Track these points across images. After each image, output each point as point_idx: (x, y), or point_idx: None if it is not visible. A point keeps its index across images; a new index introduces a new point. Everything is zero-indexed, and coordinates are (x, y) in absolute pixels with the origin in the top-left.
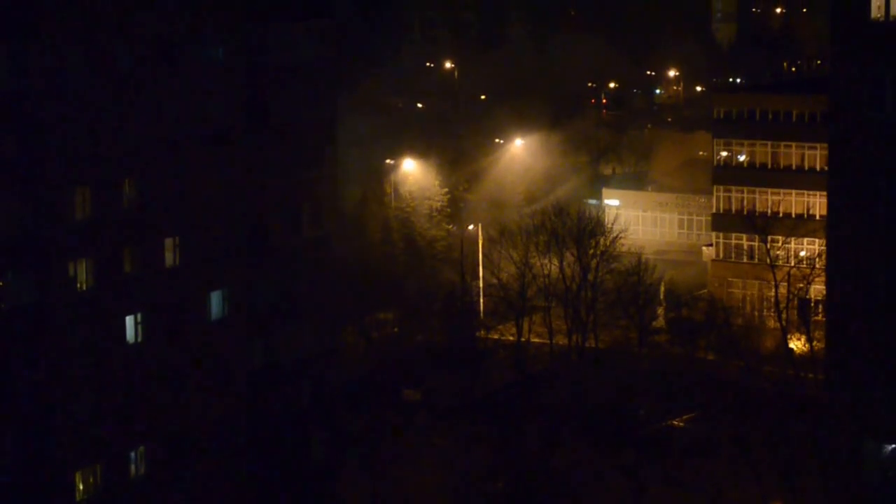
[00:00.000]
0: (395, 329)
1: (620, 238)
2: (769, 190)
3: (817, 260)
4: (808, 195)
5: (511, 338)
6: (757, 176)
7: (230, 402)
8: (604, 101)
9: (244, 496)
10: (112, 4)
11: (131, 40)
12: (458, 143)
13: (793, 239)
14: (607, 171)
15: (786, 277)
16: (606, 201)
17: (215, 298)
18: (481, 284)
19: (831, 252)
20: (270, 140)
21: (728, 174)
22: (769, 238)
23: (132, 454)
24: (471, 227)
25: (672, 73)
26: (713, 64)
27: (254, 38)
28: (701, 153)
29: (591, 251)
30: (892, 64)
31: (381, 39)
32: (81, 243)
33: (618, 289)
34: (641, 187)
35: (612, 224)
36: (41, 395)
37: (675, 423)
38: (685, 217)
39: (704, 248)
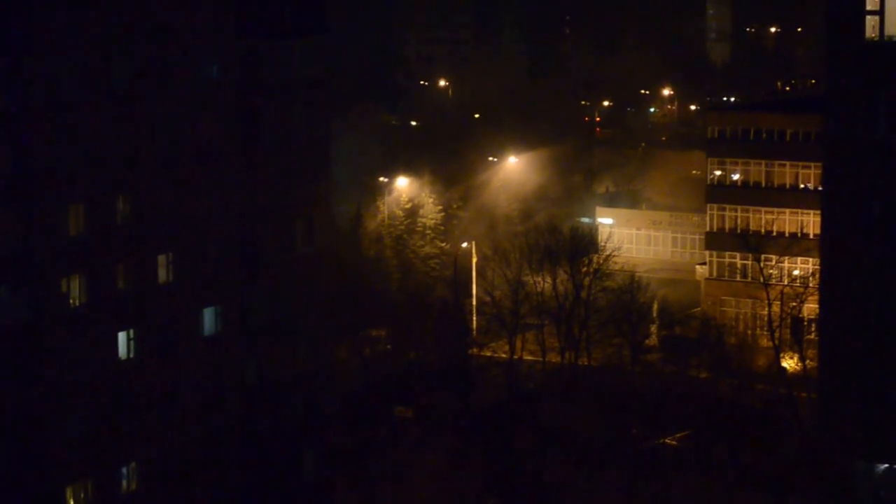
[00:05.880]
0: (388, 346)
1: (614, 256)
2: (763, 209)
3: (810, 279)
4: (802, 214)
5: (504, 355)
6: (751, 194)
7: (222, 418)
8: (598, 119)
9: None
10: (107, 22)
11: (126, 58)
12: (452, 161)
13: (786, 258)
14: (601, 189)
15: (779, 296)
16: (600, 219)
17: (208, 315)
18: (474, 302)
19: (824, 271)
20: (264, 157)
21: (722, 193)
22: (762, 257)
23: (124, 470)
24: (464, 244)
25: (666, 91)
26: (708, 82)
27: (248, 55)
28: (695, 172)
29: (585, 269)
30: (886, 84)
31: (376, 57)
32: (75, 259)
33: (611, 307)
34: (635, 205)
35: (606, 242)
36: (33, 411)
37: (668, 441)
38: (679, 235)
39: (698, 266)
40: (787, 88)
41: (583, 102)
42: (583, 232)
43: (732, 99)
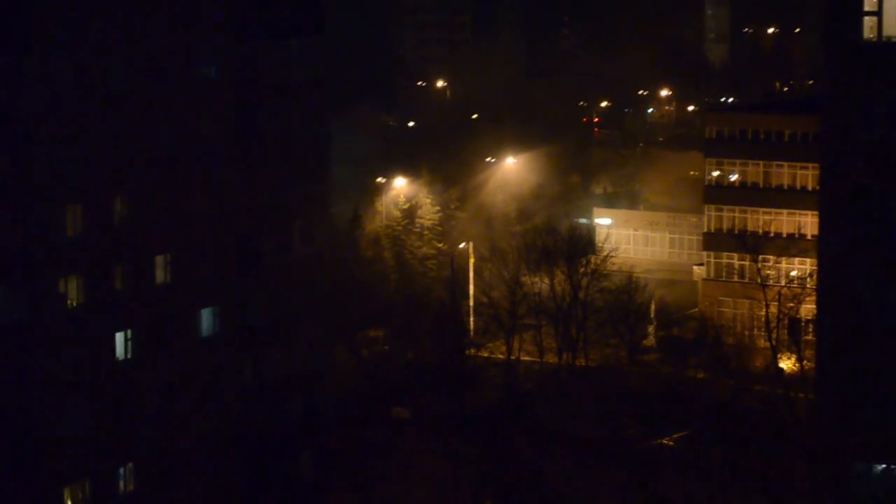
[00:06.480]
0: (385, 347)
1: (611, 257)
2: (760, 209)
3: (808, 279)
4: (800, 215)
5: (501, 356)
6: (748, 195)
7: (220, 419)
8: (595, 119)
9: None
10: (106, 22)
11: (124, 58)
12: (450, 162)
13: (784, 258)
14: (599, 189)
15: (776, 297)
16: (597, 220)
17: (206, 315)
18: (471, 303)
19: (822, 272)
20: (262, 158)
21: (719, 193)
22: (760, 257)
23: (121, 470)
24: (462, 245)
25: (664, 92)
26: (706, 83)
27: (246, 56)
28: (693, 172)
29: (582, 270)
30: (884, 85)
31: (375, 57)
32: (72, 260)
33: (608, 307)
34: (633, 206)
35: (603, 243)
36: (31, 411)
37: (665, 441)
38: (676, 236)
39: (695, 267)
40: (785, 89)
41: (581, 103)
42: (580, 232)
43: (730, 99)
